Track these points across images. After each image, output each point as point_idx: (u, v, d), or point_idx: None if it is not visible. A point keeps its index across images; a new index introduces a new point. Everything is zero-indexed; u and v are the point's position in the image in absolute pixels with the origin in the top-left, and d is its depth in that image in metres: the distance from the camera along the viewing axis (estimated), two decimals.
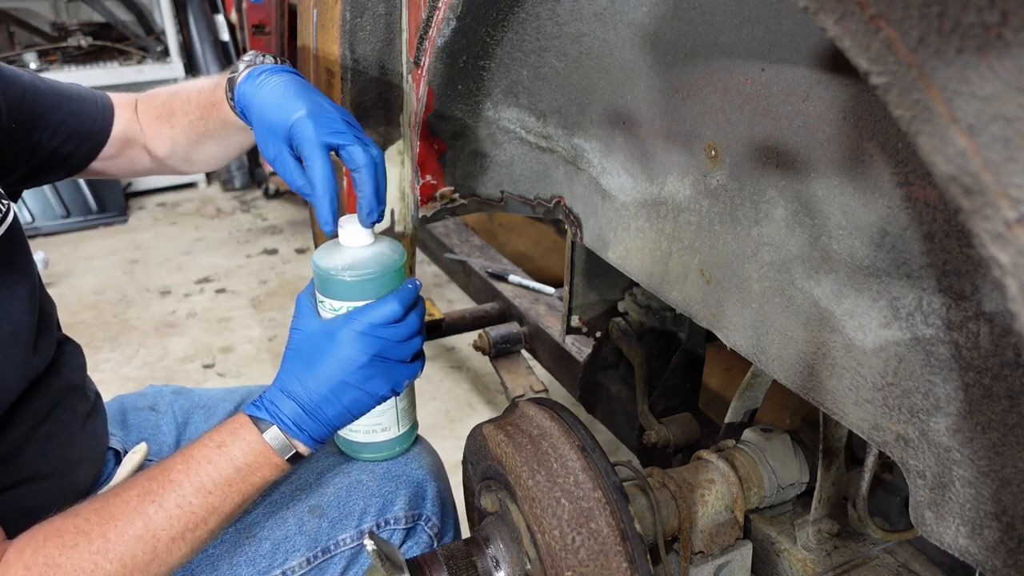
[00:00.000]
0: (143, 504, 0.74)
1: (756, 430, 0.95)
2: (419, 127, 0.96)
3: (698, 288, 0.82)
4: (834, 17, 0.33)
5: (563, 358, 1.76)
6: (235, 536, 0.95)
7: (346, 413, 0.80)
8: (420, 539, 1.05)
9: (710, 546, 0.87)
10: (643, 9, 0.75)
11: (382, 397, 0.81)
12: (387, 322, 0.80)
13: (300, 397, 0.78)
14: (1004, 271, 0.28)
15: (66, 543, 0.70)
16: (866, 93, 0.56)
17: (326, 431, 0.80)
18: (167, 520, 0.74)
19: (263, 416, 0.79)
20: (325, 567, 0.98)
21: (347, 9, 0.97)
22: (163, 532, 0.73)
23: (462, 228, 2.65)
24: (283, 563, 0.95)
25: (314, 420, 0.79)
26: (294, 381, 0.79)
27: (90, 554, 0.70)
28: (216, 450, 0.77)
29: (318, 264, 0.83)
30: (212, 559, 0.93)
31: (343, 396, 0.78)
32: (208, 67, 4.26)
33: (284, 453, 0.79)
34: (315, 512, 0.98)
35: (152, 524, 0.73)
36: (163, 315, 3.06)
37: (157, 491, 0.75)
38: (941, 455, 0.56)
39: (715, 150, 0.75)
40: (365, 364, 0.78)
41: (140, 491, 0.75)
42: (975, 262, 0.51)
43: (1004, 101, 0.28)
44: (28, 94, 0.96)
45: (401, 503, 1.02)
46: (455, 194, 1.05)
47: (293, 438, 0.79)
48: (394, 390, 0.82)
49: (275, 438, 0.78)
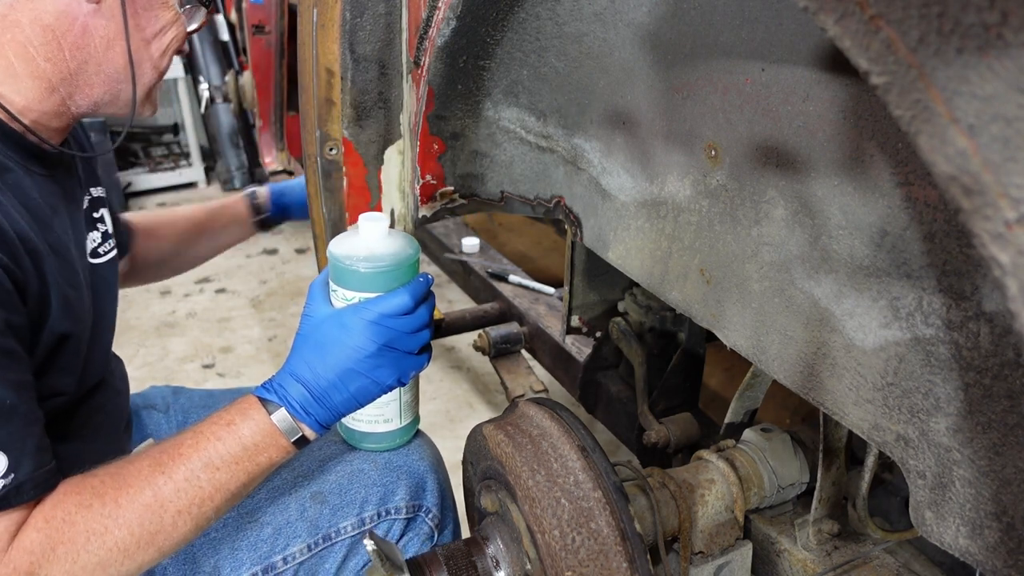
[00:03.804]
0: (154, 474, 0.76)
1: (756, 430, 0.95)
2: (419, 127, 0.96)
3: (698, 288, 0.82)
4: (834, 17, 0.33)
5: (563, 358, 1.76)
6: (237, 520, 0.97)
7: (352, 400, 0.81)
8: (421, 530, 1.07)
9: (710, 546, 0.87)
10: (643, 9, 0.75)
11: (388, 387, 0.82)
12: (398, 313, 0.81)
13: (308, 382, 0.80)
14: (1004, 271, 0.28)
15: (83, 501, 0.73)
16: (866, 93, 0.56)
17: (332, 417, 0.81)
18: (175, 492, 0.75)
19: (272, 398, 0.81)
20: (325, 554, 1.00)
21: (347, 9, 0.96)
22: (170, 504, 0.75)
23: (462, 228, 2.65)
24: (284, 549, 0.97)
25: (321, 405, 0.80)
26: (303, 366, 0.80)
27: (102, 516, 0.73)
28: (225, 428, 0.79)
29: (334, 253, 0.85)
30: (214, 543, 0.94)
31: (351, 383, 0.80)
32: (208, 67, 4.26)
33: (291, 436, 0.80)
34: (317, 499, 1.00)
35: (160, 495, 0.75)
36: (163, 315, 3.06)
37: (168, 463, 0.77)
38: (941, 455, 0.56)
39: (715, 150, 0.75)
40: (374, 353, 0.80)
41: (152, 462, 0.77)
42: (975, 262, 0.51)
43: (1004, 101, 0.28)
44: None
45: (402, 493, 1.04)
46: (455, 194, 1.05)
47: (300, 421, 0.80)
48: (400, 380, 0.83)
49: (282, 420, 0.80)
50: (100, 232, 1.00)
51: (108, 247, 1.01)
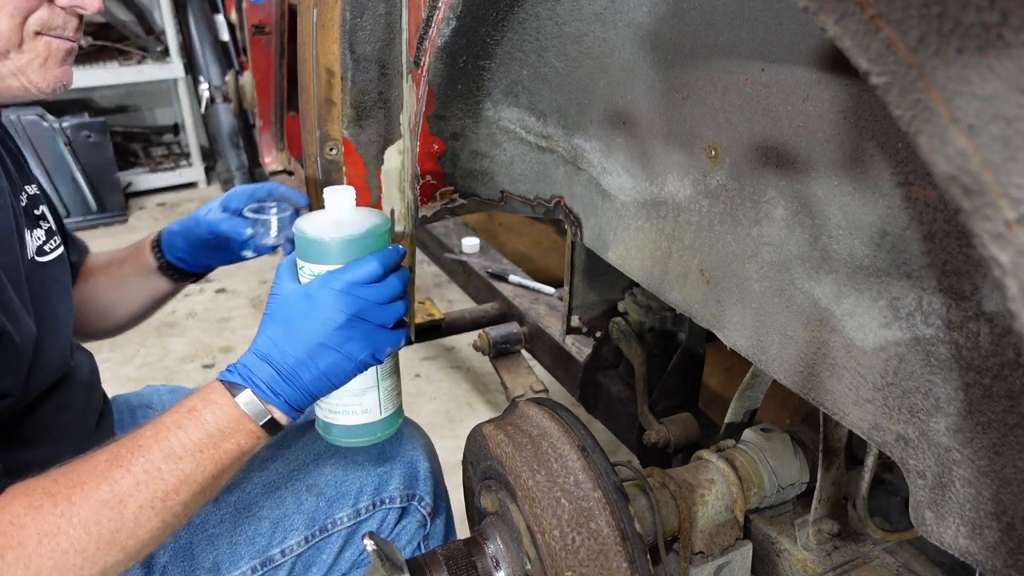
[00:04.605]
0: (110, 469, 0.71)
1: (756, 430, 0.95)
2: (419, 127, 0.96)
3: (698, 288, 0.82)
4: (834, 17, 0.33)
5: (563, 358, 1.76)
6: (234, 515, 0.98)
7: (324, 379, 0.76)
8: (414, 518, 1.08)
9: (710, 546, 0.87)
10: (643, 9, 0.75)
11: (362, 363, 0.77)
12: (366, 281, 0.77)
13: (275, 360, 0.75)
14: (1004, 271, 0.28)
15: (32, 503, 0.68)
16: (866, 93, 0.56)
17: (303, 397, 0.77)
18: (134, 486, 0.70)
19: (236, 380, 0.76)
20: (322, 546, 1.01)
21: (347, 9, 0.97)
22: (130, 499, 0.70)
23: (462, 228, 2.65)
24: (282, 542, 0.98)
25: (290, 384, 0.75)
26: (269, 344, 0.76)
27: (54, 516, 0.68)
28: (187, 415, 0.74)
29: (299, 228, 0.82)
30: (211, 538, 0.95)
31: (320, 359, 0.75)
32: (208, 67, 4.26)
33: (259, 419, 0.75)
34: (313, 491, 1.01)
35: (118, 489, 0.69)
36: (163, 315, 3.06)
37: (125, 456, 0.71)
38: (941, 455, 0.56)
39: (715, 150, 0.75)
40: (343, 324, 0.75)
41: (109, 456, 0.72)
42: (975, 262, 0.51)
43: (1004, 101, 0.28)
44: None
45: (396, 483, 1.06)
46: (455, 194, 1.05)
47: (268, 403, 0.75)
48: (375, 356, 0.78)
49: (249, 403, 0.75)
50: (44, 229, 0.95)
51: (54, 244, 0.96)
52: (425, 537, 1.11)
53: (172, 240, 1.10)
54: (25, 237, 0.89)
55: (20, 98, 0.82)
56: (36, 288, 0.89)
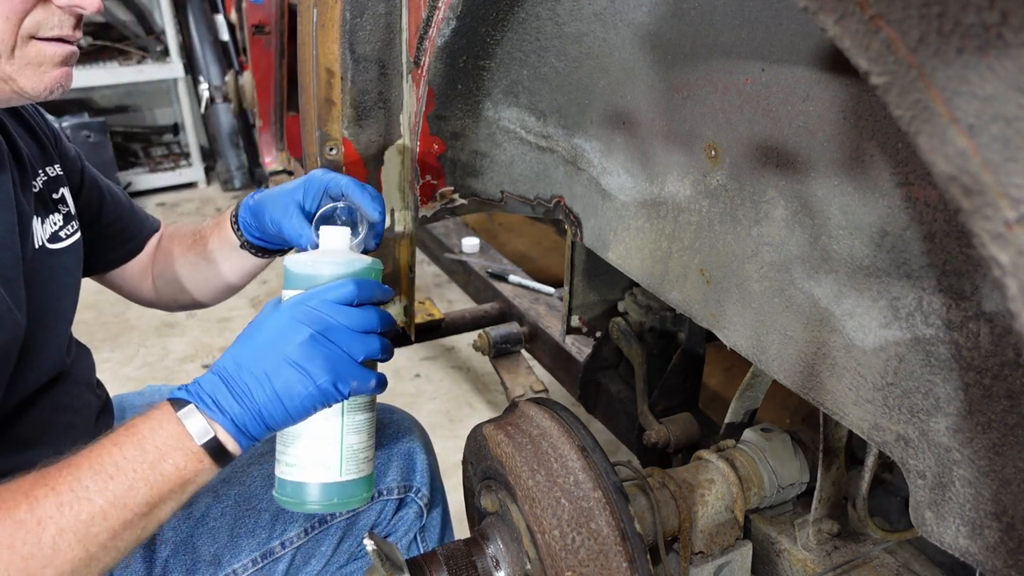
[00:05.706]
0: (35, 487, 0.63)
1: (756, 430, 0.95)
2: (419, 127, 0.96)
3: (698, 288, 0.82)
4: (834, 17, 0.33)
5: (563, 358, 1.76)
6: (235, 508, 0.98)
7: (277, 400, 0.68)
8: (411, 510, 1.10)
9: (710, 546, 0.87)
10: (643, 9, 0.75)
11: (321, 390, 0.68)
12: (338, 301, 0.72)
13: (229, 374, 0.69)
14: (1004, 271, 0.28)
15: None
16: (866, 93, 0.56)
17: (254, 421, 0.68)
18: (56, 507, 0.62)
19: (182, 396, 0.69)
20: (321, 538, 1.03)
21: (347, 9, 0.97)
22: (50, 521, 0.62)
23: (462, 228, 2.65)
24: (282, 534, 0.99)
25: (240, 402, 0.67)
26: (227, 359, 0.70)
27: None
28: (124, 431, 0.67)
29: (287, 261, 0.80)
30: (212, 531, 0.96)
31: (276, 376, 0.68)
32: (208, 67, 4.26)
33: (200, 437, 0.67)
34: None
35: (37, 509, 0.62)
36: (163, 315, 3.06)
37: (53, 474, 0.64)
38: (941, 455, 0.56)
39: (715, 150, 0.75)
40: (305, 341, 0.68)
41: (38, 474, 0.65)
42: (975, 262, 0.51)
43: (1004, 101, 0.28)
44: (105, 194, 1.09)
45: (393, 474, 1.07)
46: (455, 194, 1.05)
47: (213, 420, 0.67)
48: (336, 386, 0.69)
49: (189, 416, 0.67)
50: (61, 214, 0.91)
51: (71, 229, 0.92)
52: (422, 528, 1.12)
53: (247, 219, 1.03)
54: (33, 226, 0.87)
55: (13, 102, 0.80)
56: (42, 279, 0.86)
